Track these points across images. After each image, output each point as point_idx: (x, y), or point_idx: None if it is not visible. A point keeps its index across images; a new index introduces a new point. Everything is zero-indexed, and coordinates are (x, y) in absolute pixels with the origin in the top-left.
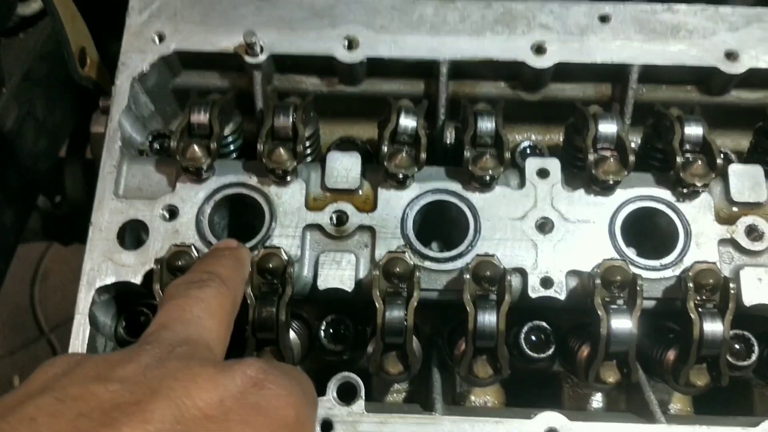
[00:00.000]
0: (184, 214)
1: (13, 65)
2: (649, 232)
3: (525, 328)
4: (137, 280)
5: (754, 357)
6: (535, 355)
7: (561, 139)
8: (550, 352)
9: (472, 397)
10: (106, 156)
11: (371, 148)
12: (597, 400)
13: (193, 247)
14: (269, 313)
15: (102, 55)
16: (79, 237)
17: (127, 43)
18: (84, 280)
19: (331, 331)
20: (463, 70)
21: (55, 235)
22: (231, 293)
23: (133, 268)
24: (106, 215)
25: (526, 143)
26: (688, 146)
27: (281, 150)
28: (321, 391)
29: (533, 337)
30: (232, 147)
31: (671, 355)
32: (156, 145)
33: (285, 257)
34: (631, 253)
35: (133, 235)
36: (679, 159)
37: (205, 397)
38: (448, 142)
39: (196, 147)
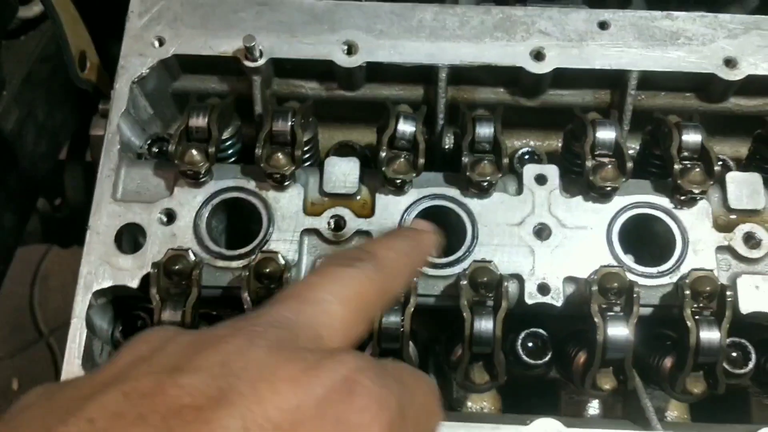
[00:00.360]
0: (182, 217)
1: (14, 68)
2: (647, 239)
3: (522, 335)
4: (134, 284)
5: (751, 365)
6: (532, 361)
7: (560, 145)
8: (547, 358)
9: (469, 403)
10: (104, 160)
11: (370, 153)
12: (593, 407)
13: (190, 251)
14: None
15: (103, 59)
16: (78, 240)
17: (126, 46)
18: (81, 283)
19: None
20: (462, 75)
21: (54, 237)
22: (384, 280)
23: (130, 271)
24: (104, 219)
25: (524, 149)
26: (685, 153)
27: (279, 155)
28: None
29: (530, 344)
30: (230, 151)
31: (668, 362)
32: (155, 149)
33: (282, 262)
34: (628, 259)
35: (130, 238)
36: (676, 166)
37: (278, 403)
38: (446, 147)
39: (194, 151)
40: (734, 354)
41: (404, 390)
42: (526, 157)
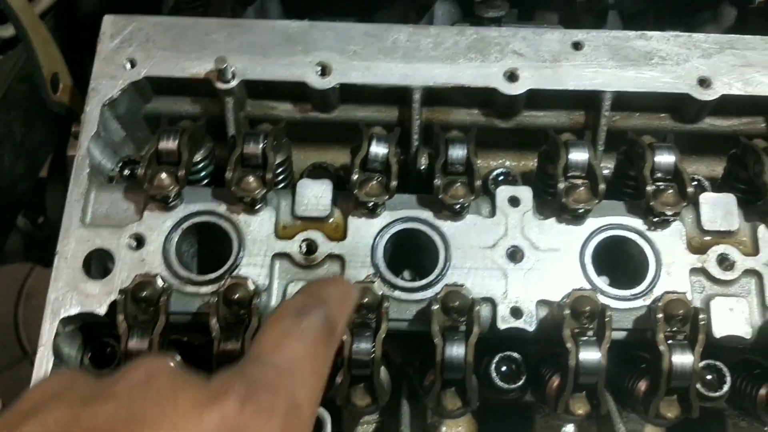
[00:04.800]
0: (151, 242)
1: None
2: (621, 260)
3: (496, 358)
4: (102, 310)
5: (726, 388)
6: (506, 386)
7: (535, 166)
8: (521, 382)
9: (444, 428)
10: (73, 184)
11: (345, 175)
12: (568, 431)
13: (158, 276)
14: (234, 346)
15: (82, 79)
16: None
17: (98, 68)
18: (48, 310)
19: None
20: (436, 96)
21: (37, 256)
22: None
23: (98, 298)
24: (72, 244)
25: (498, 170)
26: (659, 174)
27: (250, 178)
28: None
29: (504, 368)
30: (202, 173)
31: (642, 385)
32: (126, 172)
33: (251, 288)
34: (602, 281)
35: (100, 263)
36: (649, 187)
37: (183, 422)
38: (422, 168)
39: (163, 175)
40: (709, 377)
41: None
42: (501, 178)
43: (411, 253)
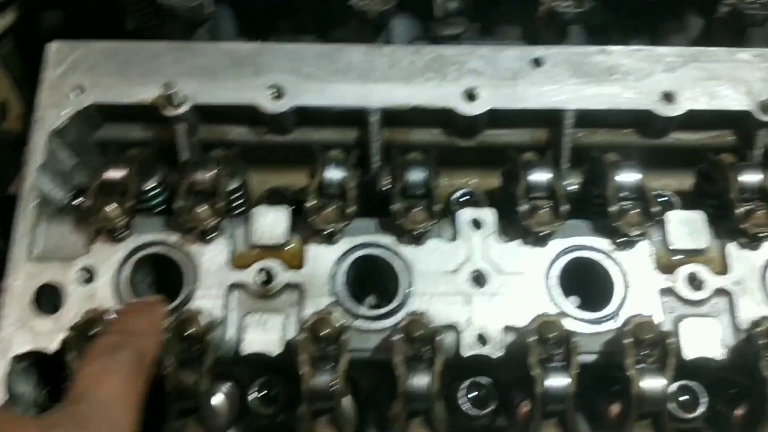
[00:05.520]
0: (102, 276)
1: None
2: (591, 280)
3: (464, 384)
4: (54, 346)
5: (701, 409)
6: (476, 412)
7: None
8: (491, 409)
9: None
10: (19, 217)
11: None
12: None
13: (109, 311)
14: (189, 382)
15: None
16: None
17: (43, 97)
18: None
19: (263, 393)
20: (394, 117)
21: None
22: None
23: (49, 335)
24: (21, 279)
25: (461, 191)
26: (623, 194)
27: (202, 207)
28: None
29: (473, 394)
30: (156, 201)
31: (615, 409)
32: (78, 201)
33: (204, 322)
34: (569, 304)
35: (51, 298)
36: (613, 208)
37: None
38: (384, 189)
39: (110, 207)
40: (684, 398)
41: None
42: (463, 199)
43: (375, 277)
